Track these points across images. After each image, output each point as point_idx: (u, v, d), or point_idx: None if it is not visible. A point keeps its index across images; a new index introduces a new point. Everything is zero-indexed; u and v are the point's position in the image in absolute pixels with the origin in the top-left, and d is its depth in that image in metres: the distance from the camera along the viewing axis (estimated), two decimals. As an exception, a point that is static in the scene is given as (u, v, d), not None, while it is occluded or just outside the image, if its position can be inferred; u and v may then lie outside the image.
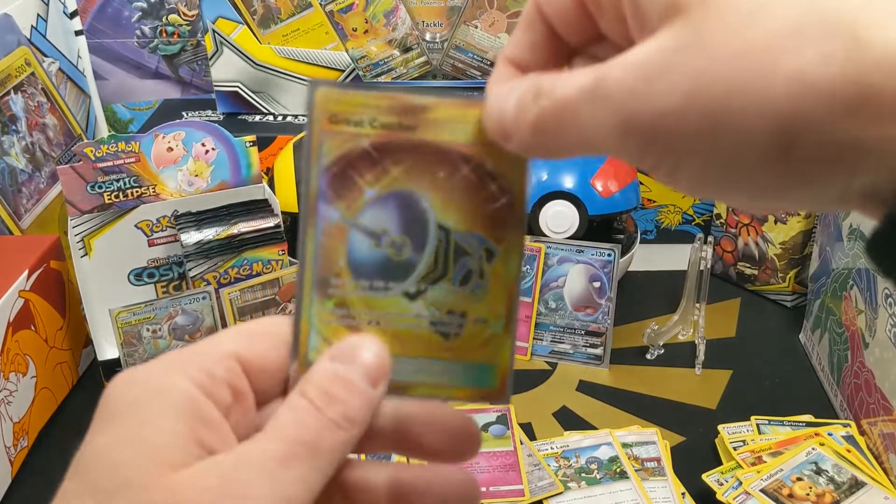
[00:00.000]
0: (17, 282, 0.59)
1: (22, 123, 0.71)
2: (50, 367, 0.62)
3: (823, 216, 0.66)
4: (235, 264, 0.63)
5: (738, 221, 0.75)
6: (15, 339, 0.58)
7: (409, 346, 0.25)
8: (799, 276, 0.73)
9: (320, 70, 0.83)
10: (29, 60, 0.73)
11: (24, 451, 0.59)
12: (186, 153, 0.65)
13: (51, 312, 0.63)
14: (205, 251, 0.63)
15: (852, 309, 0.60)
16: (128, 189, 0.63)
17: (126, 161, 0.63)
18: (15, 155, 0.69)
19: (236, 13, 0.81)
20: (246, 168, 0.66)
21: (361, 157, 0.24)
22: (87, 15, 0.85)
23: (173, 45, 0.87)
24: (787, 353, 0.70)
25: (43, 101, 0.74)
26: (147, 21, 0.86)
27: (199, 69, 0.88)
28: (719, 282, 0.78)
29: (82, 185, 0.62)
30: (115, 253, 0.64)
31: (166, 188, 0.64)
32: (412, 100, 0.24)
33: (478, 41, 0.81)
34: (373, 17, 0.81)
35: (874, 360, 0.56)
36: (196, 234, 0.63)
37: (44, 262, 0.62)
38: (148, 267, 0.66)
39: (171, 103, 0.89)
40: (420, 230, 0.25)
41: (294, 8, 0.81)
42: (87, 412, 0.22)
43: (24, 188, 0.70)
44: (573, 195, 0.69)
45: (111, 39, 0.86)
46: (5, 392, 0.56)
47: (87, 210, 0.63)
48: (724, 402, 0.64)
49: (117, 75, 0.88)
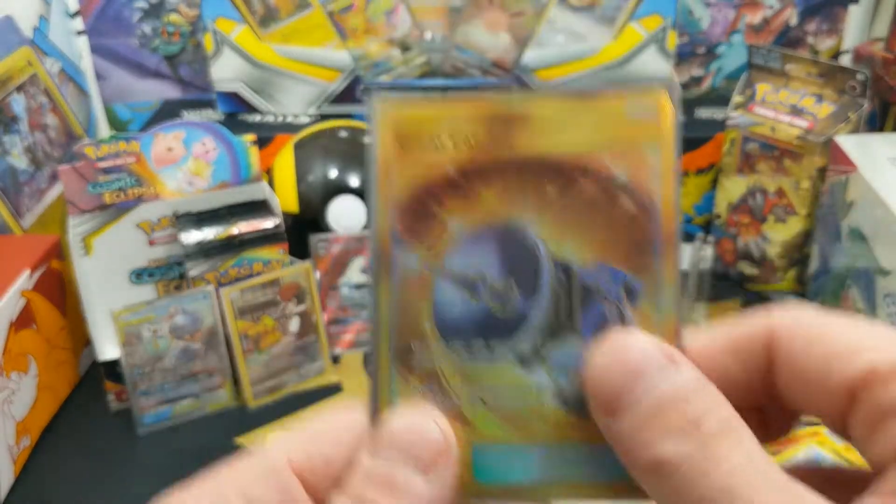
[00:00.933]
0: (18, 281, 0.59)
1: (23, 123, 0.71)
2: (51, 367, 0.63)
3: (823, 215, 0.66)
4: (235, 264, 0.63)
5: (738, 221, 0.75)
6: (17, 338, 0.58)
7: (529, 430, 0.19)
8: (799, 276, 0.73)
9: (320, 70, 0.83)
10: (31, 61, 0.73)
11: (26, 450, 0.59)
12: (186, 153, 0.65)
13: (52, 312, 0.63)
14: (205, 251, 0.63)
15: (851, 308, 0.60)
16: (128, 189, 0.63)
17: (126, 161, 0.63)
18: (16, 155, 0.69)
19: (236, 12, 0.81)
20: (246, 168, 0.66)
21: (444, 184, 0.19)
22: (89, 15, 0.85)
23: (174, 45, 0.87)
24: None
25: (44, 101, 0.75)
26: (148, 21, 0.86)
27: (199, 69, 0.88)
28: (719, 282, 0.78)
29: (83, 185, 0.62)
30: (115, 252, 0.64)
31: (166, 188, 0.65)
32: (502, 103, 0.19)
33: (478, 41, 0.82)
34: (373, 17, 0.81)
35: (873, 360, 0.56)
36: (196, 233, 0.63)
37: (45, 262, 0.62)
38: (148, 267, 0.66)
39: (171, 103, 0.89)
40: (530, 270, 0.19)
41: (294, 7, 0.81)
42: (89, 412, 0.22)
43: (25, 188, 0.70)
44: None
45: (112, 40, 0.87)
46: (7, 391, 0.56)
47: (87, 209, 0.63)
48: (724, 401, 0.64)
49: (118, 75, 0.88)
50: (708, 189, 0.81)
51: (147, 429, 0.62)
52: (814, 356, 0.18)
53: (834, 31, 0.84)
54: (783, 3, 0.84)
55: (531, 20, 0.81)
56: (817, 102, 0.69)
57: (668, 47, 0.81)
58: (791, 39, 0.85)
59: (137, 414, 0.62)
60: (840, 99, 0.68)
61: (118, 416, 0.63)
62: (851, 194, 0.60)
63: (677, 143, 0.20)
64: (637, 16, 0.80)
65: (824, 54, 0.85)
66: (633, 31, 0.81)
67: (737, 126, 0.73)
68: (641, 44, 0.81)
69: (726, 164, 0.75)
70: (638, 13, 0.80)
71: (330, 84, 0.84)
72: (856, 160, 0.60)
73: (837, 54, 0.85)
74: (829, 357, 0.18)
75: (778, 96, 0.71)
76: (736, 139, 0.73)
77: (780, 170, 0.71)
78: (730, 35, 0.86)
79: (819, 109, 0.69)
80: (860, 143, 0.63)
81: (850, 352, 0.18)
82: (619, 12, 0.80)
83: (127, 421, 0.62)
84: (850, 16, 0.83)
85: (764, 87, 0.72)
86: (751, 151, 0.72)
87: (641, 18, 0.80)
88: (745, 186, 0.74)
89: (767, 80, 0.72)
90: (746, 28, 0.86)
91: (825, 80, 0.69)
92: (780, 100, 0.71)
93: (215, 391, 0.65)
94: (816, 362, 0.18)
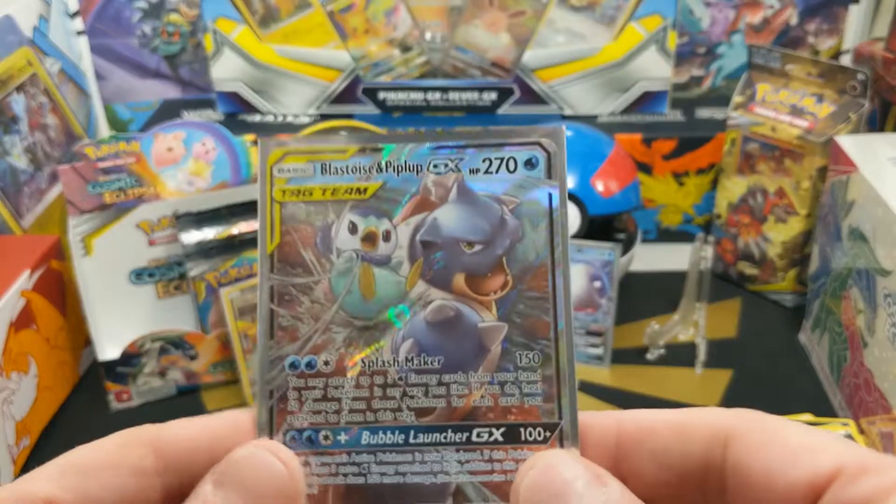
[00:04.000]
0: (18, 281, 0.59)
1: (23, 124, 0.71)
2: (51, 367, 0.63)
3: (824, 216, 0.66)
4: (235, 264, 0.63)
5: (739, 221, 0.75)
6: (17, 338, 0.58)
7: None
8: (799, 276, 0.73)
9: (320, 70, 0.83)
10: (31, 61, 0.73)
11: (26, 450, 0.59)
12: (186, 153, 0.65)
13: (52, 312, 0.63)
14: (205, 251, 0.63)
15: (852, 309, 0.60)
16: (128, 189, 0.63)
17: (126, 161, 0.63)
18: (17, 155, 0.69)
19: (236, 12, 0.81)
20: (246, 168, 0.66)
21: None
22: (89, 15, 0.85)
23: (174, 45, 0.87)
24: (787, 353, 0.70)
25: (44, 101, 0.75)
26: (148, 21, 0.86)
27: (198, 69, 0.88)
28: (719, 282, 0.78)
29: (83, 185, 0.62)
30: (115, 252, 0.64)
31: (166, 188, 0.65)
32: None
33: (478, 41, 0.82)
34: (373, 17, 0.81)
35: (873, 360, 0.56)
36: (196, 233, 0.63)
37: (45, 262, 0.62)
38: (148, 267, 0.66)
39: (171, 103, 0.89)
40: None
41: (294, 7, 0.81)
42: (88, 413, 0.22)
43: (25, 188, 0.70)
44: (573, 195, 0.69)
45: (112, 40, 0.87)
46: (7, 391, 0.56)
47: (87, 210, 0.63)
48: (725, 401, 0.64)
49: (118, 75, 0.88)
50: (708, 189, 0.81)
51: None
52: (773, 452, 0.18)
53: (834, 31, 0.84)
54: (783, 3, 0.84)
55: (531, 20, 0.81)
56: (817, 102, 0.69)
57: (668, 47, 0.81)
58: (791, 39, 0.85)
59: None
60: (840, 99, 0.68)
61: (118, 416, 0.63)
62: (852, 194, 0.60)
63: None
64: (637, 16, 0.80)
65: (824, 54, 0.85)
66: (634, 31, 0.81)
67: (737, 126, 0.72)
68: (641, 44, 0.81)
69: (726, 164, 0.75)
70: (638, 13, 0.80)
71: (330, 84, 0.84)
72: (856, 160, 0.60)
73: (838, 54, 0.85)
74: (789, 454, 0.18)
75: (778, 96, 0.71)
76: (736, 139, 0.73)
77: (781, 170, 0.71)
78: (730, 35, 0.86)
79: (819, 109, 0.69)
80: (860, 143, 0.63)
81: (812, 450, 0.18)
82: (619, 12, 0.80)
83: (127, 421, 0.62)
84: (851, 16, 0.83)
85: (764, 87, 0.72)
86: (751, 151, 0.72)
87: (641, 18, 0.80)
88: (745, 186, 0.74)
89: (768, 80, 0.72)
90: (746, 28, 0.86)
91: (825, 80, 0.69)
92: (781, 100, 0.71)
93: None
94: (775, 459, 0.18)
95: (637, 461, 0.20)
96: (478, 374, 0.21)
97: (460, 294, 0.21)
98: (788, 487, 0.18)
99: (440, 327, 0.21)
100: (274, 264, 0.22)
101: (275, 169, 0.22)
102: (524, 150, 0.22)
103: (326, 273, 0.22)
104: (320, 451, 0.21)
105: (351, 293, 0.22)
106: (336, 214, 0.22)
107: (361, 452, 0.21)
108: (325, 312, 0.22)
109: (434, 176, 0.22)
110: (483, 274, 0.22)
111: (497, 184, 0.22)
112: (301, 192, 0.22)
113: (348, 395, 0.21)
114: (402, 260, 0.22)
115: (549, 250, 0.21)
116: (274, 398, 0.21)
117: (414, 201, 0.22)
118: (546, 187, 0.22)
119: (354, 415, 0.21)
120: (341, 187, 0.22)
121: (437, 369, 0.21)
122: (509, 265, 0.22)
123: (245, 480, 0.18)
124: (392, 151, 0.22)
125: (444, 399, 0.21)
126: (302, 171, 0.22)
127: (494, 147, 0.22)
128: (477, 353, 0.21)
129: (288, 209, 0.22)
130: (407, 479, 0.21)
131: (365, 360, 0.21)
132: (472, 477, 0.21)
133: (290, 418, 0.21)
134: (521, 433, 0.21)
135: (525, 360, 0.21)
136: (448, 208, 0.22)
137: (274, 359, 0.21)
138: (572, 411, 0.21)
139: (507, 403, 0.21)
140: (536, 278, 0.21)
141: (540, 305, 0.21)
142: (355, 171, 0.22)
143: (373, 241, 0.22)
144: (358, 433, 0.21)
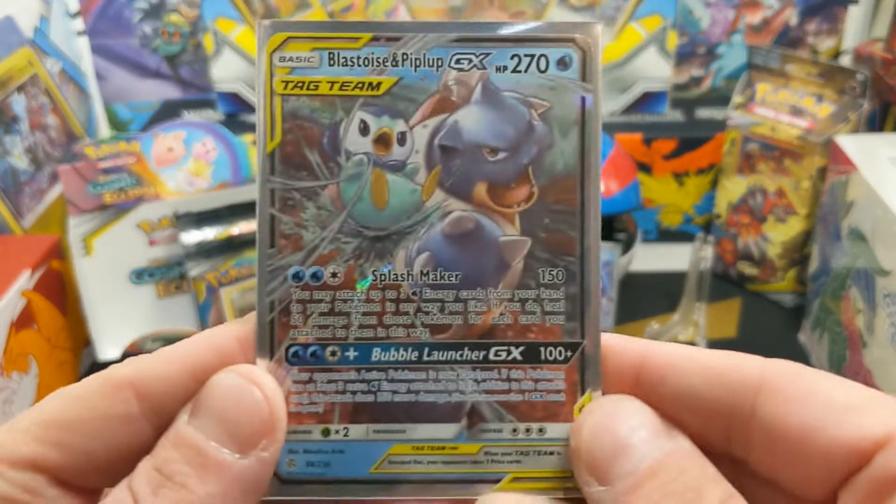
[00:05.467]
0: (18, 281, 0.59)
1: (24, 124, 0.71)
2: (52, 367, 0.63)
3: (823, 215, 0.66)
4: (235, 264, 0.63)
5: (738, 221, 0.75)
6: (17, 338, 0.58)
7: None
8: (799, 276, 0.73)
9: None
10: (31, 61, 0.73)
11: (25, 451, 0.59)
12: (187, 153, 0.65)
13: (52, 312, 0.63)
14: (205, 251, 0.63)
15: (851, 309, 0.60)
16: (128, 189, 0.63)
17: (126, 161, 0.63)
18: (17, 155, 0.69)
19: (236, 12, 0.81)
20: (246, 168, 0.66)
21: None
22: (89, 16, 0.85)
23: (174, 46, 0.87)
24: (787, 353, 0.70)
25: (45, 101, 0.75)
26: (148, 21, 0.86)
27: (199, 69, 0.88)
28: (719, 282, 0.78)
29: (83, 185, 0.63)
30: (115, 252, 0.65)
31: (166, 188, 0.65)
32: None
33: (478, 41, 0.82)
34: (373, 17, 0.81)
35: (872, 360, 0.56)
36: (196, 233, 0.63)
37: (45, 262, 0.62)
38: (148, 267, 0.66)
39: (172, 103, 0.89)
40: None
41: (294, 7, 0.81)
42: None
43: (25, 188, 0.70)
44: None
45: (112, 40, 0.87)
46: (8, 391, 0.56)
47: (87, 210, 0.63)
48: (724, 401, 0.64)
49: (118, 75, 0.88)
50: (708, 189, 0.81)
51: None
52: (812, 407, 0.17)
53: (834, 31, 0.84)
54: (783, 3, 0.84)
55: (531, 20, 0.81)
56: (817, 102, 0.69)
57: (668, 47, 0.81)
58: (791, 39, 0.85)
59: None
60: (840, 99, 0.68)
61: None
62: (851, 194, 0.60)
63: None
64: (637, 16, 0.80)
65: (824, 54, 0.85)
66: (633, 31, 0.81)
67: (737, 126, 0.73)
68: (641, 44, 0.81)
69: (726, 164, 0.75)
70: (638, 13, 0.80)
71: (330, 84, 0.84)
72: (856, 160, 0.60)
73: (837, 54, 0.85)
74: (831, 411, 0.17)
75: (778, 96, 0.71)
76: (736, 139, 0.73)
77: (780, 170, 0.71)
78: (730, 35, 0.86)
79: (819, 109, 0.69)
80: (860, 143, 0.63)
81: (859, 410, 0.17)
82: (619, 12, 0.80)
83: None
84: (850, 16, 0.83)
85: (764, 87, 0.72)
86: (751, 151, 0.72)
87: (641, 18, 0.80)
88: (745, 186, 0.74)
89: (767, 80, 0.72)
90: (746, 28, 0.86)
91: (825, 80, 0.69)
92: (780, 100, 0.71)
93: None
94: (814, 415, 0.17)
95: (656, 397, 0.19)
96: (497, 291, 0.20)
97: (481, 205, 0.20)
98: (827, 447, 0.16)
99: (459, 240, 0.20)
100: (275, 165, 0.20)
101: (275, 57, 0.20)
102: (557, 47, 0.20)
103: (334, 177, 0.20)
104: (327, 368, 0.20)
105: (361, 201, 0.20)
106: (345, 112, 0.20)
107: (372, 369, 0.20)
108: (332, 220, 0.20)
109: (456, 73, 0.20)
110: (506, 184, 0.20)
111: (525, 85, 0.20)
112: (305, 84, 0.20)
113: (358, 309, 0.20)
114: (418, 166, 0.20)
115: (579, 161, 0.20)
116: (275, 311, 0.20)
117: (433, 100, 0.20)
118: (580, 90, 0.20)
119: (364, 330, 0.20)
120: (352, 81, 0.20)
121: (455, 284, 0.20)
122: (535, 175, 0.20)
123: (221, 410, 0.17)
124: (410, 41, 0.20)
125: (460, 316, 0.20)
126: (307, 60, 0.20)
127: (524, 42, 0.20)
128: (497, 269, 0.20)
129: (290, 104, 0.20)
130: (420, 397, 0.20)
131: (376, 274, 0.20)
132: (488, 396, 0.20)
133: (293, 332, 0.20)
134: (541, 352, 0.20)
135: (548, 276, 0.20)
136: (470, 110, 0.20)
137: (275, 269, 0.20)
138: (596, 332, 0.20)
139: (527, 322, 0.20)
140: (564, 191, 0.20)
141: (567, 220, 0.20)
142: (368, 63, 0.20)
143: (386, 143, 0.20)
144: (368, 349, 0.20)
